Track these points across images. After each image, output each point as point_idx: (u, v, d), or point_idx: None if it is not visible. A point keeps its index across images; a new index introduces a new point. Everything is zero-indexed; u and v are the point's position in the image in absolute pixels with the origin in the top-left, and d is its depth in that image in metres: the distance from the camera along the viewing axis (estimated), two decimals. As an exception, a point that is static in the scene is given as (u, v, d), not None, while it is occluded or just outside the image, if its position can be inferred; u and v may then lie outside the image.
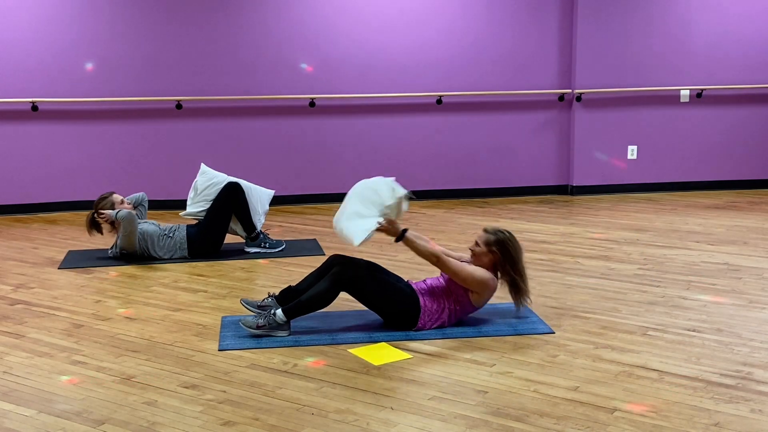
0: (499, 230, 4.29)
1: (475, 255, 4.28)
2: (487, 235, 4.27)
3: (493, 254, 4.23)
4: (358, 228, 4.18)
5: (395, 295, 4.19)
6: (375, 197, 4.23)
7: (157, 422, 3.22)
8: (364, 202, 4.24)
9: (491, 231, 4.28)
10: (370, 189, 4.27)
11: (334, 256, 4.33)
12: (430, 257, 4.17)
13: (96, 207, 5.88)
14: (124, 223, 5.69)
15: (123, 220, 5.69)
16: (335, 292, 4.15)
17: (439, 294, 4.25)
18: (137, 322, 4.50)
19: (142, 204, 6.12)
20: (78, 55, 7.74)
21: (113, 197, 5.90)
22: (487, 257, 4.25)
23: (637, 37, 8.26)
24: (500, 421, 3.18)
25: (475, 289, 4.19)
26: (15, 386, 3.60)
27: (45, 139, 7.85)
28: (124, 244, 5.78)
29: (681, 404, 3.30)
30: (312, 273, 4.39)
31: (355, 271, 4.13)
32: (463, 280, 4.17)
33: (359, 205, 4.24)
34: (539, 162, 8.49)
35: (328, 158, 8.16)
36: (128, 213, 5.71)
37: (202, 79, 7.91)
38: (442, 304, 4.23)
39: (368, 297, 4.18)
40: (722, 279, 5.15)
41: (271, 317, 4.14)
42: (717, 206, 7.68)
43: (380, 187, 4.26)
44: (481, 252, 4.25)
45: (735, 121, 8.53)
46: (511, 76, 8.28)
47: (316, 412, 3.29)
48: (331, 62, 8.03)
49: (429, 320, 4.22)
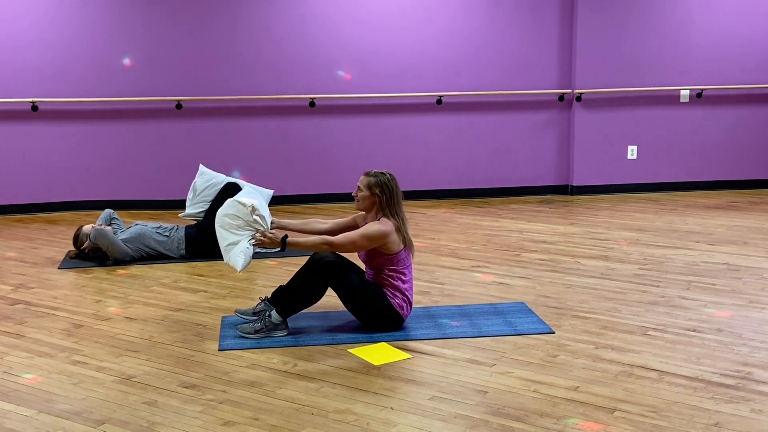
0: (380, 172, 4.28)
1: (359, 199, 4.28)
2: (368, 178, 4.26)
3: (376, 197, 4.22)
4: (235, 255, 4.33)
5: (375, 293, 4.17)
6: (234, 221, 4.36)
7: (157, 422, 3.22)
8: (230, 230, 4.38)
9: (372, 174, 4.27)
10: (228, 216, 4.39)
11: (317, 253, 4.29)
12: (321, 248, 4.18)
13: (79, 247, 5.95)
14: (99, 240, 5.78)
15: (97, 239, 5.78)
16: (323, 287, 4.15)
17: (378, 278, 4.23)
18: (137, 322, 4.50)
19: (112, 218, 6.19)
20: (78, 55, 7.74)
21: (84, 229, 5.97)
22: (369, 200, 4.24)
23: (637, 37, 8.26)
24: (500, 421, 3.18)
25: (379, 243, 4.15)
26: (15, 386, 3.60)
27: (45, 139, 7.85)
28: (114, 255, 5.82)
29: (681, 404, 3.30)
30: (299, 270, 4.36)
31: (340, 266, 4.13)
32: (364, 246, 4.16)
33: (228, 234, 4.38)
34: (539, 162, 8.49)
35: (328, 158, 8.16)
36: (97, 230, 5.80)
37: (202, 79, 7.91)
38: (388, 281, 4.21)
39: (353, 294, 4.16)
40: (722, 279, 5.15)
41: (267, 319, 4.15)
42: (717, 206, 7.68)
43: (232, 210, 4.38)
44: (365, 196, 4.25)
45: (735, 121, 8.53)
46: (511, 76, 8.28)
47: (316, 412, 3.29)
48: (331, 62, 8.02)
49: (402, 302, 4.20)
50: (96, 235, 5.79)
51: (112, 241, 5.79)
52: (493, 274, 5.38)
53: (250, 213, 4.32)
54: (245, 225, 4.35)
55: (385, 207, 4.22)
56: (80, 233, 5.96)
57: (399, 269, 4.22)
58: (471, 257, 5.84)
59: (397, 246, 4.19)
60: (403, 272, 4.24)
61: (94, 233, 5.80)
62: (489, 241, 6.33)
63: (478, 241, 6.34)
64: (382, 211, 4.24)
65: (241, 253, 4.29)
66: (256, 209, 4.33)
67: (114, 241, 5.79)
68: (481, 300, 4.80)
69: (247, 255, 4.30)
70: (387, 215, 4.22)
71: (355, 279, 4.16)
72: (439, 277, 5.34)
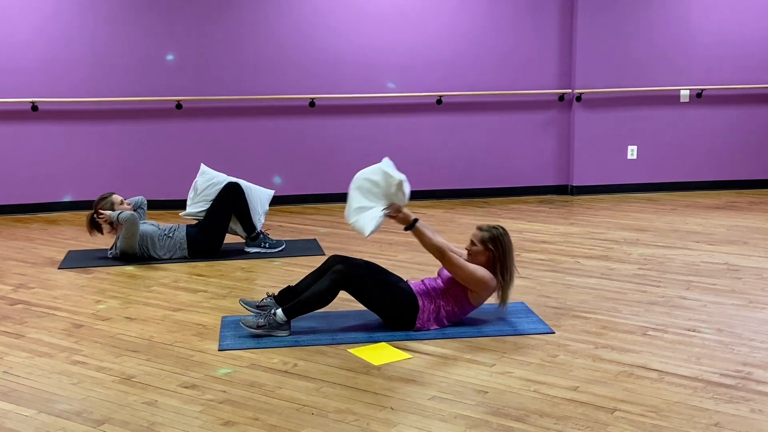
0: (494, 227, 4.26)
1: (472, 254, 4.26)
2: (482, 233, 4.24)
3: (490, 252, 4.21)
4: (366, 219, 4.20)
5: (395, 295, 4.19)
6: (374, 189, 4.23)
7: (157, 422, 3.21)
8: (366, 195, 4.24)
9: (486, 228, 4.26)
10: (368, 180, 4.27)
11: (334, 256, 4.33)
12: (435, 251, 4.17)
13: (96, 207, 5.88)
14: (126, 224, 5.70)
15: (125, 222, 5.69)
16: (335, 292, 4.15)
17: (437, 295, 4.25)
18: (137, 322, 4.50)
19: (141, 207, 6.11)
20: (78, 55, 7.73)
21: (113, 197, 5.90)
22: (484, 256, 4.23)
23: (637, 37, 8.27)
24: (500, 421, 3.18)
25: (475, 288, 4.18)
26: (15, 386, 3.60)
27: (45, 139, 7.85)
28: (125, 246, 5.78)
29: (681, 404, 3.30)
30: (311, 273, 4.39)
31: (355, 270, 4.13)
32: (465, 279, 4.16)
33: (362, 198, 4.25)
34: (539, 162, 8.49)
35: (328, 158, 8.16)
36: (131, 215, 5.71)
37: (202, 79, 7.91)
38: (440, 305, 4.23)
39: (368, 296, 4.18)
40: (722, 279, 5.15)
41: (272, 317, 4.14)
42: (717, 206, 7.68)
43: (377, 177, 4.25)
44: (478, 251, 4.23)
45: (735, 121, 8.53)
46: (511, 76, 8.28)
47: (316, 412, 3.29)
48: (331, 62, 8.02)
49: (427, 320, 4.22)
50: (128, 218, 5.68)
51: (135, 232, 5.73)
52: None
53: (398, 187, 4.19)
54: (382, 195, 4.23)
55: (497, 263, 4.21)
56: (108, 197, 5.88)
57: (457, 312, 4.26)
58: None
59: (481, 301, 4.26)
60: (457, 316, 4.28)
61: (126, 216, 5.69)
62: (489, 241, 6.33)
63: (478, 241, 6.34)
64: (494, 266, 4.22)
65: (373, 219, 4.17)
66: (403, 184, 4.23)
67: (136, 234, 5.74)
68: (481, 300, 4.79)
69: (378, 223, 4.19)
70: (496, 272, 4.21)
71: (369, 280, 4.16)
72: (439, 277, 5.33)
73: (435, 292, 4.25)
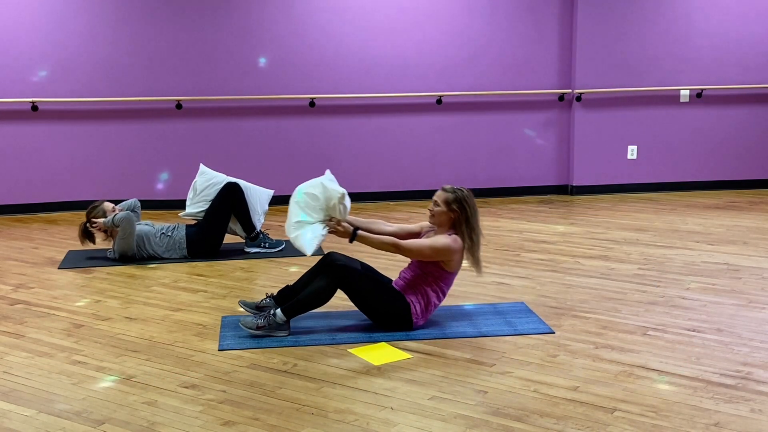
0: (458, 188, 4.24)
1: (435, 215, 4.23)
2: (446, 193, 4.21)
3: (454, 213, 4.19)
4: (306, 238, 4.21)
5: (389, 295, 4.18)
6: (315, 203, 4.24)
7: (157, 422, 3.21)
8: (306, 210, 4.26)
9: (450, 189, 4.23)
10: (307, 195, 4.28)
11: (330, 254, 4.30)
12: (387, 248, 4.17)
13: (88, 216, 5.89)
14: (123, 224, 5.70)
15: (122, 222, 5.70)
16: (332, 290, 4.14)
17: (417, 282, 4.22)
18: (137, 322, 4.50)
19: (134, 209, 6.11)
20: (78, 55, 7.74)
21: (104, 205, 5.93)
22: (446, 216, 4.20)
23: (637, 37, 8.27)
24: (500, 421, 3.18)
25: (443, 257, 4.14)
26: (15, 386, 3.60)
27: (45, 139, 7.85)
28: (122, 247, 5.78)
29: (681, 404, 3.30)
30: (307, 272, 4.38)
31: (352, 269, 4.13)
32: (429, 256, 4.14)
33: (300, 212, 4.27)
34: (539, 162, 8.49)
35: (328, 158, 8.16)
36: (126, 214, 5.73)
37: (202, 79, 7.91)
38: (424, 290, 4.21)
39: (363, 296, 4.17)
40: (722, 279, 5.15)
41: (271, 317, 4.14)
42: (717, 206, 7.68)
43: (316, 191, 4.26)
44: (441, 212, 4.20)
45: (735, 121, 8.53)
46: (511, 76, 8.28)
47: (316, 412, 3.29)
48: (331, 62, 8.03)
49: (421, 312, 4.21)
50: (123, 218, 5.70)
51: (131, 231, 5.74)
52: (494, 273, 5.37)
53: (338, 200, 4.22)
54: (320, 208, 4.24)
55: (462, 224, 4.18)
56: (99, 205, 5.90)
57: (443, 286, 4.24)
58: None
59: (457, 265, 4.22)
60: (444, 290, 4.26)
61: (122, 216, 5.71)
62: (489, 241, 6.33)
63: (478, 241, 6.34)
64: (456, 228, 4.20)
65: (314, 239, 4.18)
66: (344, 198, 4.25)
67: (134, 233, 5.75)
68: (481, 300, 4.80)
69: (320, 241, 4.21)
70: (461, 233, 4.18)
71: (365, 280, 4.16)
72: (439, 277, 5.33)
73: (414, 280, 4.24)
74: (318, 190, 4.25)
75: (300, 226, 4.24)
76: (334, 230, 4.19)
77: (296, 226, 4.25)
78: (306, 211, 4.24)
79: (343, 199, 4.23)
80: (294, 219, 4.27)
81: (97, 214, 5.87)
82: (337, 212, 4.23)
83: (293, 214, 4.29)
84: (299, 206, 4.27)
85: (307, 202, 4.25)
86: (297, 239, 4.24)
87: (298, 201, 4.29)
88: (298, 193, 4.32)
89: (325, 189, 4.24)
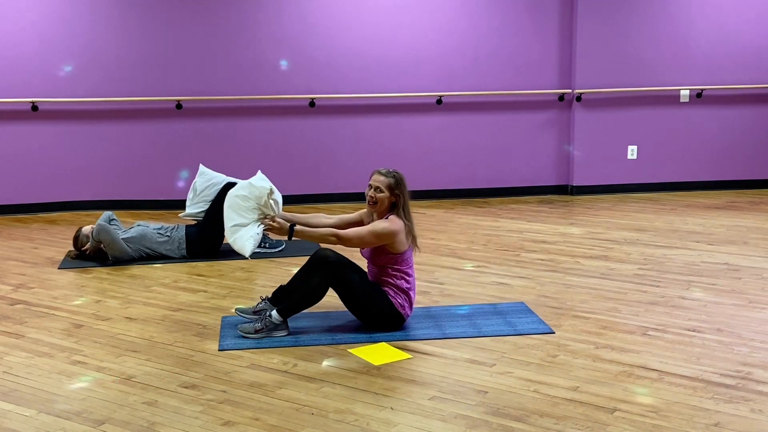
0: (394, 171, 4.22)
1: (378, 201, 4.18)
2: (387, 179, 4.17)
3: (395, 197, 4.17)
4: (243, 239, 4.26)
5: (376, 293, 4.16)
6: (246, 203, 4.30)
7: (157, 422, 3.21)
8: (238, 211, 4.32)
9: (388, 174, 4.19)
10: (239, 197, 4.35)
11: (319, 251, 4.26)
12: (328, 240, 4.15)
13: (79, 248, 5.95)
14: (102, 236, 5.78)
15: (100, 235, 5.78)
16: (326, 286, 4.14)
17: (380, 278, 4.21)
18: (137, 322, 4.50)
19: (112, 219, 6.13)
20: (78, 55, 7.74)
21: (83, 230, 5.99)
22: (389, 201, 4.18)
23: (637, 37, 8.27)
24: (500, 421, 3.18)
25: (386, 240, 4.12)
26: (15, 386, 3.60)
27: (45, 139, 7.85)
28: (114, 254, 5.82)
29: (681, 404, 3.30)
30: (300, 269, 4.36)
31: (342, 265, 4.12)
32: (372, 242, 4.12)
33: (234, 215, 4.33)
34: (539, 162, 8.49)
35: (328, 158, 8.16)
36: (99, 226, 5.80)
37: (202, 79, 7.91)
38: (391, 282, 4.19)
39: (354, 293, 4.15)
40: (722, 279, 5.15)
41: (268, 319, 4.15)
42: (717, 206, 7.68)
43: (244, 192, 4.33)
44: (385, 197, 4.17)
45: (735, 121, 8.53)
46: (511, 76, 8.28)
47: (316, 412, 3.29)
48: (331, 62, 8.02)
49: (402, 302, 4.19)
50: (99, 230, 5.77)
51: (113, 237, 5.78)
52: (494, 274, 5.38)
53: (268, 195, 4.26)
54: (254, 208, 4.29)
55: (400, 207, 4.18)
56: (80, 234, 5.97)
57: (403, 269, 4.21)
58: (471, 257, 5.84)
59: (403, 246, 4.17)
60: (407, 272, 4.24)
61: (96, 229, 5.80)
62: (489, 241, 6.33)
63: (478, 241, 6.34)
64: (393, 211, 4.20)
65: (250, 239, 4.23)
66: (273, 192, 4.30)
67: (115, 238, 5.79)
68: (481, 300, 4.80)
69: (257, 241, 4.25)
70: (399, 215, 4.17)
71: (356, 278, 4.15)
72: (439, 277, 5.34)
73: (377, 277, 4.23)
74: (246, 191, 4.35)
75: (236, 230, 4.32)
76: (269, 227, 4.21)
77: (233, 230, 4.33)
78: (239, 213, 4.32)
79: (272, 194, 4.31)
80: (230, 224, 4.36)
81: (83, 241, 5.94)
82: (269, 209, 4.30)
83: (228, 219, 4.37)
84: (232, 210, 4.36)
85: (238, 204, 4.34)
86: (235, 242, 4.31)
87: (231, 205, 4.37)
88: (228, 197, 4.41)
89: (252, 188, 4.33)
